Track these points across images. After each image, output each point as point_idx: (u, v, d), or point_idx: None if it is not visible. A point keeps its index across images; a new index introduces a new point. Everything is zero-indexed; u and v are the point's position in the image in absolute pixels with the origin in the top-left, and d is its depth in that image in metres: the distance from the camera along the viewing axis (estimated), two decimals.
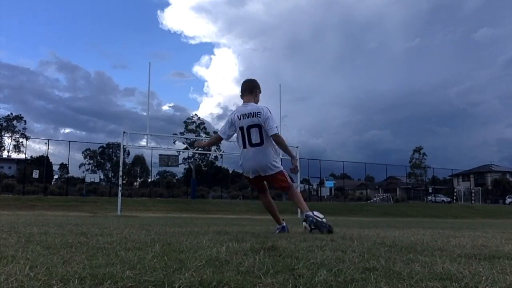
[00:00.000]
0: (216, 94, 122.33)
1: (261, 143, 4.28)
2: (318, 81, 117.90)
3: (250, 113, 4.30)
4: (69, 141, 57.43)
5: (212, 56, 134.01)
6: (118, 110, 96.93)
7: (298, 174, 24.27)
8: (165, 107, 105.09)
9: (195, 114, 60.07)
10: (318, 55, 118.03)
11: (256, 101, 4.53)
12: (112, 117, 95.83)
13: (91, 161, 64.95)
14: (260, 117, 4.26)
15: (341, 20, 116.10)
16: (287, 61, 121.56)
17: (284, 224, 4.62)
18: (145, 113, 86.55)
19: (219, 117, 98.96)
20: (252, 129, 4.29)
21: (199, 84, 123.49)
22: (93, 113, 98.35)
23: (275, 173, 4.36)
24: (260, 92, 4.63)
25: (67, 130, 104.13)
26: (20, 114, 61.13)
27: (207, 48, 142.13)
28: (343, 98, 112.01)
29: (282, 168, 4.44)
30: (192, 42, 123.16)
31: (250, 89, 4.54)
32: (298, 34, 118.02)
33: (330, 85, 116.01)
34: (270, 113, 4.34)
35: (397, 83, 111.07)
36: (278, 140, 4.33)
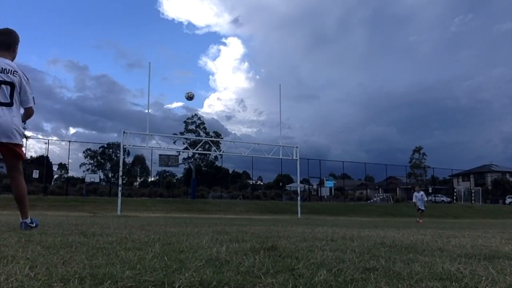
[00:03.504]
0: (227, 87, 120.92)
1: (10, 104, 3.81)
2: (331, 78, 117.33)
3: (6, 68, 3.80)
4: (69, 141, 58.29)
5: (222, 48, 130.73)
6: (128, 109, 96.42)
7: (298, 173, 24.27)
8: (175, 106, 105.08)
9: (195, 115, 60.01)
10: (336, 52, 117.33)
11: (13, 58, 3.98)
12: (121, 117, 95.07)
13: (92, 161, 64.95)
14: (16, 77, 3.83)
15: (361, 17, 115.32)
16: (305, 57, 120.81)
17: (27, 221, 4.12)
18: (156, 113, 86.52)
19: (228, 114, 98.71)
20: (3, 85, 3.79)
21: (206, 79, 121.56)
22: (103, 113, 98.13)
23: (17, 143, 3.87)
24: (17, 46, 4.04)
25: (77, 130, 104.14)
26: None
27: (216, 39, 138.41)
28: (352, 95, 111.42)
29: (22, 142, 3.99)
30: (199, 32, 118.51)
31: (6, 44, 3.95)
32: (319, 28, 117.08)
33: (343, 82, 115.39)
34: (28, 80, 3.93)
35: (409, 80, 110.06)
36: (30, 114, 4.02)
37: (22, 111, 4.05)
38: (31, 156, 46.41)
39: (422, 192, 17.59)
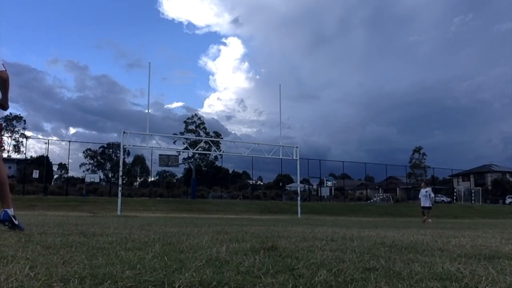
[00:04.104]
0: (227, 87, 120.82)
1: None
2: (331, 78, 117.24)
3: None
4: (69, 141, 58.31)
5: (222, 48, 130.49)
6: (128, 109, 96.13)
7: (298, 173, 24.29)
8: (175, 106, 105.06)
9: (195, 115, 60.03)
10: (336, 52, 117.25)
11: None
12: (121, 117, 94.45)
13: (92, 161, 64.95)
14: None
15: (361, 17, 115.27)
16: (305, 57, 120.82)
17: (9, 211, 3.76)
18: (156, 113, 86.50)
19: (228, 114, 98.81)
20: None
21: (206, 79, 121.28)
22: (103, 113, 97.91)
23: None
24: None
25: (77, 130, 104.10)
26: (19, 114, 61.13)
27: (216, 39, 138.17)
28: (352, 95, 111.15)
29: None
30: (199, 32, 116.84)
31: None
32: (319, 28, 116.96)
33: (343, 82, 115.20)
34: None
35: (409, 80, 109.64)
36: (4, 78, 3.59)
37: None
38: (31, 156, 46.49)
39: (427, 188, 15.95)
